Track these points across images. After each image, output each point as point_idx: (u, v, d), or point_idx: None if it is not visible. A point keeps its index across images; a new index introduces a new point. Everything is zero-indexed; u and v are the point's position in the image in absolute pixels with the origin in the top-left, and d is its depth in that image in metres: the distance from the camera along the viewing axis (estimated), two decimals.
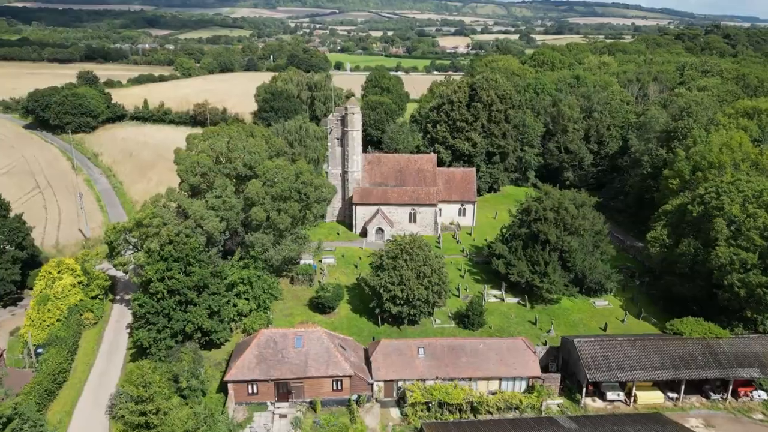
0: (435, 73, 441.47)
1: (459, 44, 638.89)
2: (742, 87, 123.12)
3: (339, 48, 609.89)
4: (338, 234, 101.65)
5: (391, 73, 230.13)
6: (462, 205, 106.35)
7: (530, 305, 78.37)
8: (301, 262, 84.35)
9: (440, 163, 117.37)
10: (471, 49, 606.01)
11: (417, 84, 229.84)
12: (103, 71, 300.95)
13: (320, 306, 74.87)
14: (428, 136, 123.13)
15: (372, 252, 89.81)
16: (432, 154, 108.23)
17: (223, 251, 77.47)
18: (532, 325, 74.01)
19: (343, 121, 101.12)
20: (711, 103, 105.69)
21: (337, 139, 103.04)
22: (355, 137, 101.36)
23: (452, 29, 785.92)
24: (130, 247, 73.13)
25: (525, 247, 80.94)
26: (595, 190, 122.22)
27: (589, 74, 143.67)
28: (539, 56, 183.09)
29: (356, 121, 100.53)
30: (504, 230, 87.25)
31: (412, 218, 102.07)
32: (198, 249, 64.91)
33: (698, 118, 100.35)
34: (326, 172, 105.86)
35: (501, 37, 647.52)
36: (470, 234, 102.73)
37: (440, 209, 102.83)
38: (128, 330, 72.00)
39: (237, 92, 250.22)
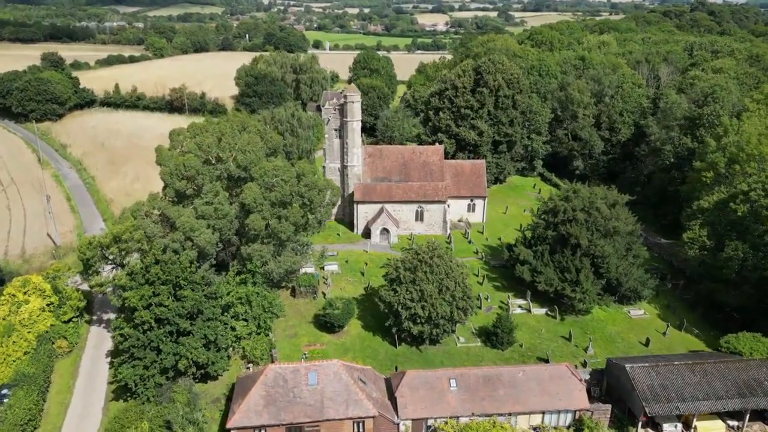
0: (417, 52, 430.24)
1: (438, 21, 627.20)
2: (763, 70, 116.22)
3: (316, 26, 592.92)
4: (339, 235, 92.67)
5: (379, 53, 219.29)
6: (471, 200, 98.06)
7: (560, 317, 70.82)
8: (302, 270, 75.39)
9: (444, 153, 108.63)
10: (450, 27, 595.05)
11: (401, 64, 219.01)
12: (68, 52, 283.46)
13: (328, 324, 66.24)
14: (430, 124, 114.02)
15: (382, 257, 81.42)
16: (438, 145, 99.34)
17: (216, 264, 68.05)
18: (565, 341, 66.46)
19: (342, 111, 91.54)
20: (735, 88, 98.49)
21: (335, 130, 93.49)
22: (355, 128, 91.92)
23: (429, 6, 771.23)
24: (109, 262, 63.22)
25: (552, 252, 73.16)
26: (607, 180, 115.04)
27: (594, 55, 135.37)
28: (537, 36, 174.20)
29: (356, 110, 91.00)
30: (526, 231, 79.27)
31: (419, 216, 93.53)
32: (189, 269, 55.44)
33: (724, 104, 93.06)
34: (323, 167, 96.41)
35: (480, 14, 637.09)
36: (482, 232, 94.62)
37: (448, 206, 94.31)
38: (108, 359, 62.50)
39: (214, 74, 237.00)
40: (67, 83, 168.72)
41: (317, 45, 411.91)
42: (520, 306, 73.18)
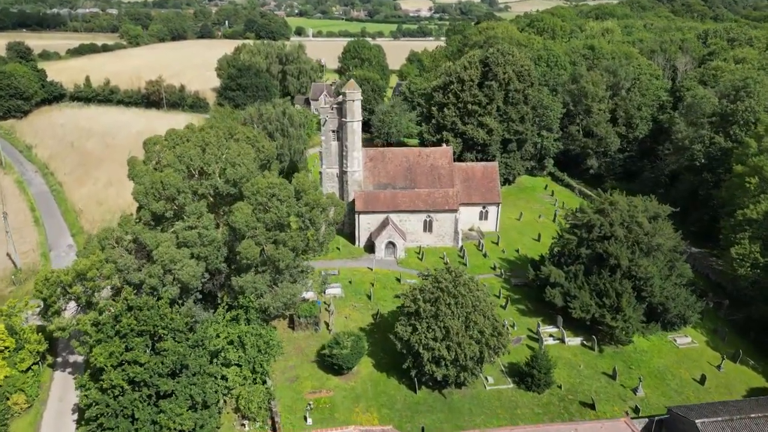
0: (403, 39, 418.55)
1: (421, 7, 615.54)
2: None
3: (297, 12, 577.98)
4: (338, 249, 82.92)
5: (368, 40, 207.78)
6: (484, 207, 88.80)
7: (598, 348, 62.12)
8: (302, 295, 65.62)
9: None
10: (434, 13, 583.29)
11: (389, 52, 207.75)
12: (38, 41, 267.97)
13: (335, 366, 56.77)
14: (433, 121, 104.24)
15: (389, 276, 71.95)
16: (446, 147, 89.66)
17: (203, 295, 58.01)
18: (609, 379, 57.78)
19: (340, 110, 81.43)
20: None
21: (333, 131, 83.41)
22: (356, 129, 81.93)
23: None
24: (73, 300, 52.85)
25: (588, 272, 64.34)
26: (624, 180, 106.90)
27: (603, 44, 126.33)
28: (538, 23, 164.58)
29: (356, 109, 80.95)
30: (554, 247, 70.33)
31: (428, 227, 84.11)
32: (170, 316, 45.47)
33: (759, 99, 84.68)
34: (320, 173, 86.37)
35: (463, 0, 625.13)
36: (497, 243, 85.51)
37: (459, 214, 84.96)
38: (75, 415, 52.46)
39: (194, 64, 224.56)
40: (32, 76, 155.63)
41: (299, 32, 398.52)
42: (551, 335, 64.37)
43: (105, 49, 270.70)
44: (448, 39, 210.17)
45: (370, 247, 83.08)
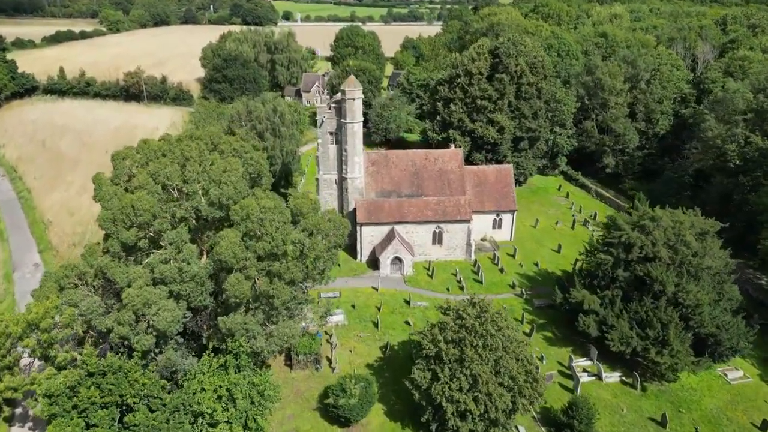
0: (394, 23, 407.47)
1: None
2: None
3: None
4: (338, 265, 74.21)
5: (359, 25, 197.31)
6: (498, 215, 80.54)
7: (641, 386, 54.43)
8: (301, 325, 57.22)
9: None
10: None
11: (381, 37, 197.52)
12: (13, 27, 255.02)
13: (342, 418, 48.67)
14: (438, 118, 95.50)
15: (397, 297, 63.49)
16: (456, 149, 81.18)
17: (185, 337, 49.39)
18: (658, 427, 50.11)
19: (339, 110, 72.55)
20: None
21: (331, 133, 74.58)
22: (356, 131, 73.15)
23: None
24: (26, 355, 44.10)
25: (626, 298, 56.52)
26: (643, 180, 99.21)
27: (617, 31, 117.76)
28: (543, 8, 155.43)
29: (357, 108, 72.11)
30: (582, 264, 62.39)
31: (437, 239, 75.81)
32: (142, 382, 36.92)
33: None
34: (316, 179, 77.60)
35: None
36: (513, 255, 77.43)
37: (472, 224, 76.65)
38: None
39: (177, 52, 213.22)
40: (1, 68, 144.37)
41: (287, 16, 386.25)
42: (586, 370, 56.56)
43: (83, 36, 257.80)
44: (445, 25, 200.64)
45: (373, 262, 74.80)
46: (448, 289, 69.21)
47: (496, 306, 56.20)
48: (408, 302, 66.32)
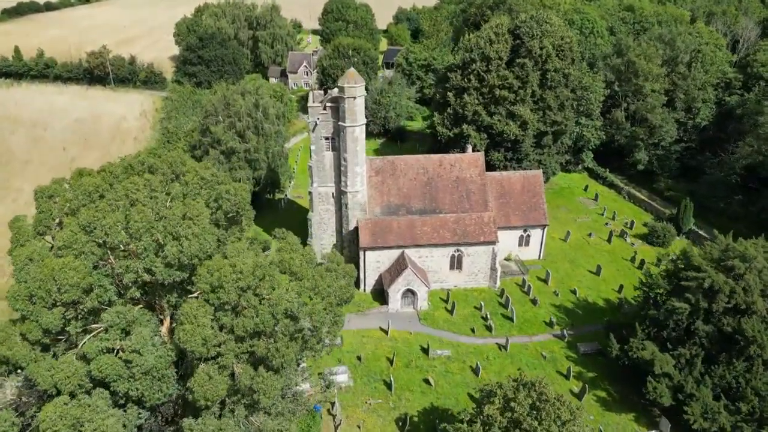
0: None
1: None
2: None
3: None
4: None
5: None
6: (525, 231, 68.08)
7: None
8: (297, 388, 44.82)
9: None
10: None
11: (372, 6, 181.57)
12: None
13: None
14: (449, 110, 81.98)
15: (412, 342, 50.53)
16: (476, 153, 68.13)
17: None
18: None
19: (337, 110, 59.06)
20: None
21: (326, 138, 61.17)
22: (358, 137, 59.80)
23: None
24: None
25: (709, 358, 44.71)
26: (681, 179, 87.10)
27: (646, 4, 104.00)
28: None
29: (358, 109, 58.64)
30: (637, 298, 50.38)
31: (456, 263, 63.33)
32: None
33: None
34: (309, 192, 64.38)
35: None
36: (545, 280, 65.22)
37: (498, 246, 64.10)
38: None
39: (148, 26, 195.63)
40: None
41: None
42: None
43: (48, 8, 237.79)
44: None
45: (380, 292, 62.39)
46: (473, 330, 57.07)
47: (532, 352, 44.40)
48: (426, 350, 54.10)
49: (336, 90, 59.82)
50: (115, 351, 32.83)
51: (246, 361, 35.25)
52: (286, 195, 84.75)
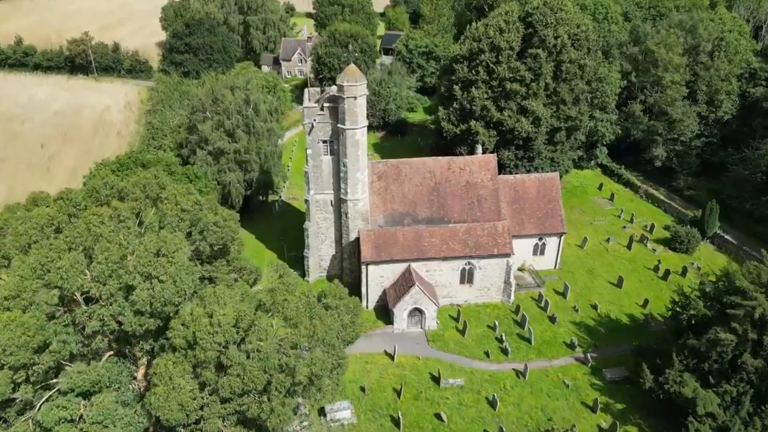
0: None
1: None
2: None
3: None
4: None
5: None
6: (541, 239, 62.72)
7: None
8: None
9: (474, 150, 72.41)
10: None
11: None
12: None
13: None
14: (455, 105, 76.04)
15: (421, 370, 44.92)
16: (488, 155, 62.43)
17: None
18: None
19: (335, 111, 53.21)
20: None
21: (324, 142, 55.39)
22: (359, 140, 54.04)
23: None
24: None
25: (759, 396, 39.78)
26: (702, 177, 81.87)
27: None
28: None
29: (360, 110, 52.81)
30: (669, 318, 45.24)
31: (467, 277, 58.00)
32: None
33: None
34: (306, 200, 58.65)
35: None
36: (563, 294, 60.01)
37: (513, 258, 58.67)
38: None
39: (135, 9, 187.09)
40: None
41: None
42: None
43: None
44: None
45: (383, 308, 57.14)
46: (487, 354, 51.98)
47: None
48: (437, 379, 48.98)
49: (334, 88, 53.97)
50: (77, 419, 27.47)
51: (235, 422, 29.97)
52: (280, 197, 79.00)
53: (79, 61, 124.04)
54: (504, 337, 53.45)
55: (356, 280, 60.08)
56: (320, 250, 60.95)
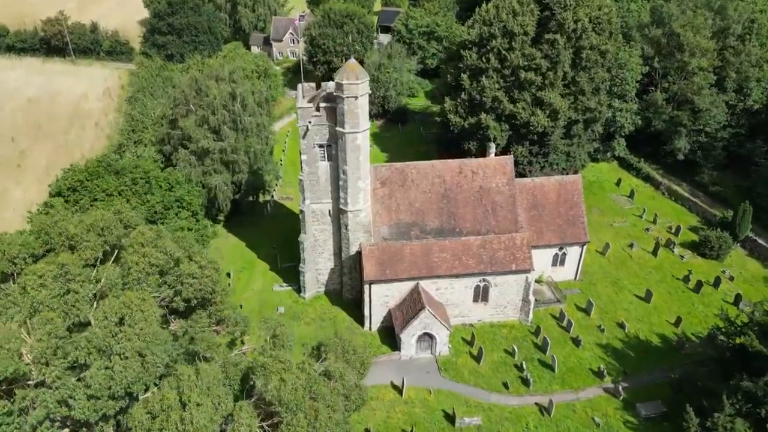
0: None
1: None
2: None
3: None
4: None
5: None
6: (561, 249, 56.83)
7: None
8: None
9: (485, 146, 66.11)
10: None
11: None
12: None
13: None
14: (463, 96, 69.28)
15: (432, 406, 40.24)
16: (503, 157, 55.96)
17: None
18: None
19: (333, 112, 46.63)
20: None
21: (320, 146, 48.91)
22: (361, 145, 47.60)
23: None
24: None
25: None
26: (729, 171, 75.77)
27: None
28: None
29: (362, 111, 46.22)
30: (714, 347, 39.73)
31: (481, 295, 52.22)
32: None
33: None
34: (301, 211, 52.28)
35: None
36: (586, 311, 54.38)
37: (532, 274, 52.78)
38: None
39: None
40: None
41: None
42: None
43: None
44: None
45: (387, 330, 51.45)
46: (506, 386, 46.50)
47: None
48: (451, 418, 43.52)
49: (331, 84, 47.32)
50: None
51: None
52: (272, 196, 72.57)
53: (55, 42, 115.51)
54: (524, 365, 47.95)
55: (358, 296, 54.45)
56: (317, 264, 54.93)
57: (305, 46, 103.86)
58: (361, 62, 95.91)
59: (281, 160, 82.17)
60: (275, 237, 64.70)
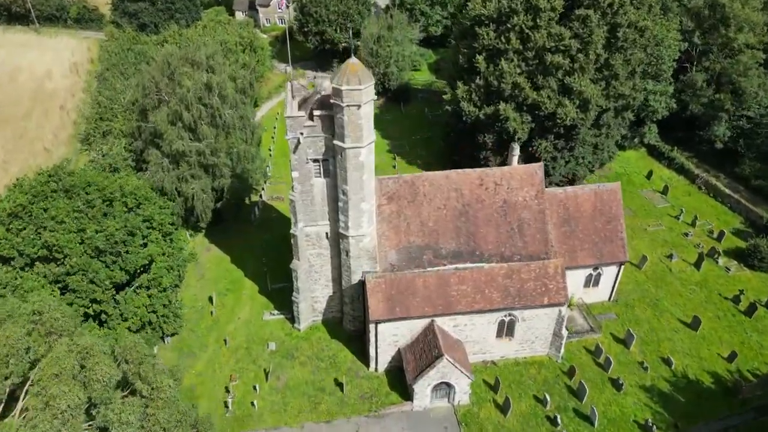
0: None
1: None
2: None
3: None
4: (336, 382, 43.45)
5: None
6: (596, 269, 49.03)
7: None
8: None
9: (506, 139, 57.68)
10: None
11: None
12: None
13: None
14: (477, 82, 59.90)
15: None
16: (531, 165, 47.24)
17: None
18: None
19: (331, 122, 37.80)
20: None
21: (314, 161, 40.12)
22: (364, 162, 38.88)
23: None
24: None
25: None
26: None
27: None
28: None
29: (365, 120, 37.28)
30: None
31: (506, 330, 44.66)
32: None
33: None
34: (292, 234, 43.87)
35: None
36: (625, 343, 47.02)
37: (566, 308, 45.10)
38: None
39: None
40: None
41: None
42: None
43: None
44: None
45: (396, 372, 44.09)
46: None
47: None
48: None
49: (327, 84, 38.49)
50: None
51: None
52: (260, 196, 64.00)
53: (17, 9, 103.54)
54: (558, 418, 40.82)
55: (360, 327, 47.02)
56: (314, 291, 47.10)
57: (296, 14, 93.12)
58: (358, 33, 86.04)
59: (270, 150, 73.22)
60: (264, 248, 56.68)
